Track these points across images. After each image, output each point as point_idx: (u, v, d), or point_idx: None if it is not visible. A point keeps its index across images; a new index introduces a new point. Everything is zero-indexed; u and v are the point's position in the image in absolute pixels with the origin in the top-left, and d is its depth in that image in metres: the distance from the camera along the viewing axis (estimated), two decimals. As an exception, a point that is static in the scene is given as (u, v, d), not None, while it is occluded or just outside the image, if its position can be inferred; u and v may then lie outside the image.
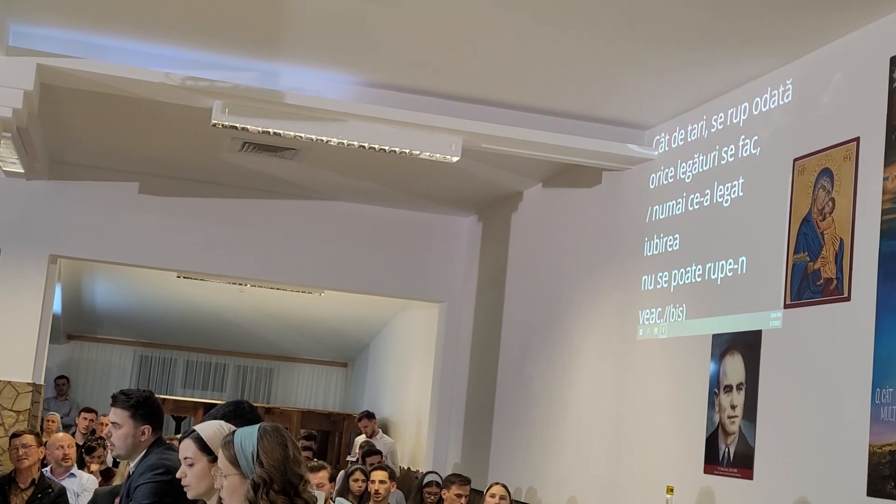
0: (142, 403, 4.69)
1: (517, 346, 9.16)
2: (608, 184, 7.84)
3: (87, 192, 10.04)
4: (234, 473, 3.17)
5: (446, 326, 10.81)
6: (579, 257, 8.14)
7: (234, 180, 10.08)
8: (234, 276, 11.23)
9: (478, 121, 7.07)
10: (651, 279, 7.00)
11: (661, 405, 6.70)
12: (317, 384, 16.88)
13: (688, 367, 6.43)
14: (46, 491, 6.64)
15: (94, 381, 15.37)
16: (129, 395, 4.71)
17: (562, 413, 8.08)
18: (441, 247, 10.79)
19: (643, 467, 6.79)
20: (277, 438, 3.19)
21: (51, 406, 13.06)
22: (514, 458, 8.83)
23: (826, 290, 5.28)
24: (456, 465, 10.09)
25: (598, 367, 7.63)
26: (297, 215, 10.46)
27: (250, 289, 13.03)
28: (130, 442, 4.69)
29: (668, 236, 6.87)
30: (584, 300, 7.98)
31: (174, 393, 15.99)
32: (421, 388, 11.92)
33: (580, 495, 7.61)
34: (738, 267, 6.06)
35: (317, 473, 6.89)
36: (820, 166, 5.46)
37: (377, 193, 10.12)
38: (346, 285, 10.86)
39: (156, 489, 4.51)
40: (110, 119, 8.35)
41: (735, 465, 5.82)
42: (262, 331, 15.46)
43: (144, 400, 4.71)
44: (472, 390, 10.14)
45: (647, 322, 6.98)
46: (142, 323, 15.47)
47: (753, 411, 5.72)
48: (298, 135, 7.07)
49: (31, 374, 9.83)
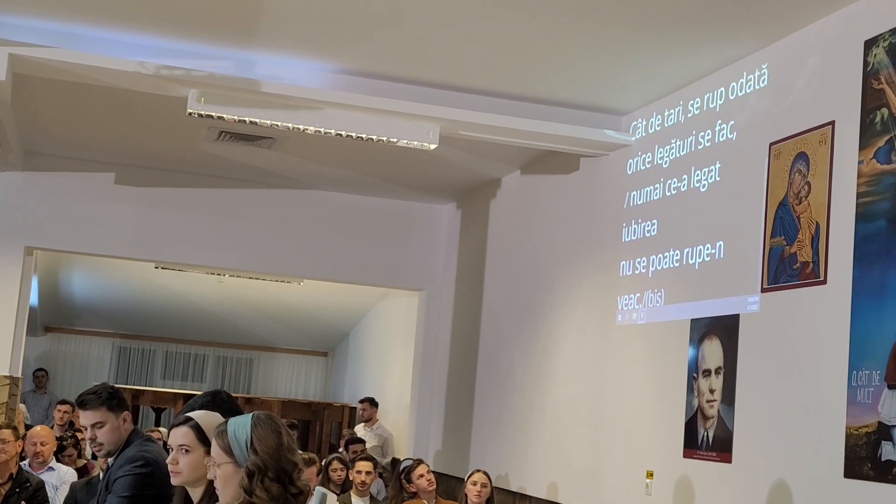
0: (113, 394, 4.70)
1: (497, 332, 9.17)
2: (586, 170, 7.85)
3: (63, 183, 9.97)
4: (228, 462, 3.16)
5: (426, 314, 10.80)
6: (558, 243, 8.14)
7: (211, 170, 10.03)
8: (213, 267, 11.18)
9: (455, 108, 7.06)
10: (629, 265, 7.01)
11: (641, 390, 6.72)
12: (297, 374, 16.86)
13: (666, 351, 6.45)
14: (25, 485, 6.60)
15: (73, 373, 15.30)
16: (99, 393, 4.71)
17: (542, 399, 8.10)
18: (420, 234, 10.78)
19: (623, 452, 6.82)
20: (271, 426, 3.19)
21: (28, 399, 12.99)
22: (495, 445, 8.85)
23: (802, 273, 5.30)
24: (437, 453, 10.10)
25: (577, 352, 7.64)
26: (275, 204, 10.42)
27: (229, 279, 12.98)
28: (117, 434, 4.69)
29: (646, 222, 6.88)
30: (563, 286, 7.99)
31: (154, 384, 15.93)
32: (402, 376, 11.92)
33: (561, 481, 7.63)
34: (716, 252, 6.08)
35: (308, 468, 6.88)
36: (796, 150, 5.48)
37: (355, 182, 10.09)
38: (325, 274, 10.83)
39: (136, 481, 4.49)
40: (85, 109, 8.28)
41: (714, 449, 5.84)
42: (241, 321, 15.41)
43: (113, 390, 4.73)
44: (453, 378, 10.15)
45: (626, 307, 7.00)
46: (120, 314, 15.40)
47: (732, 395, 5.75)
48: (275, 123, 7.04)
49: (9, 367, 9.77)
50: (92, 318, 15.67)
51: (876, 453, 4.66)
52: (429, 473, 8.02)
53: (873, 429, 4.70)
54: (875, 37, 4.99)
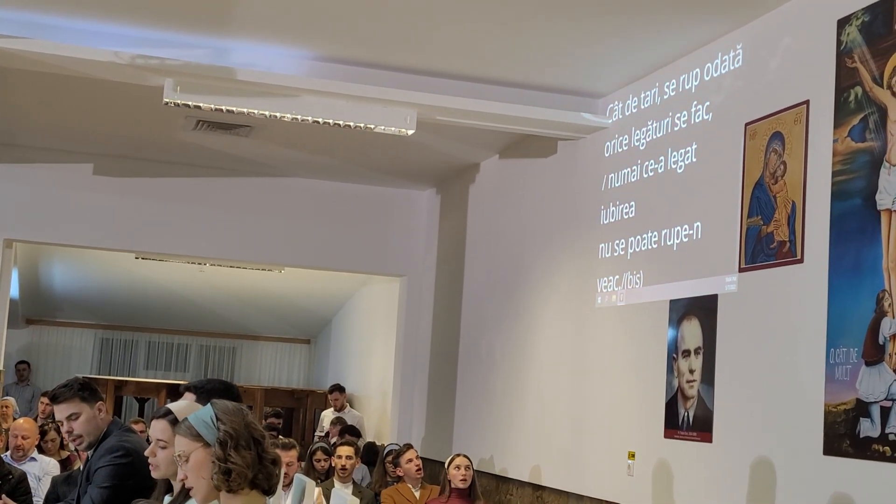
0: (84, 385, 4.70)
1: (478, 317, 9.19)
2: (564, 153, 7.86)
3: (41, 174, 9.92)
4: (198, 446, 3.16)
5: (407, 300, 10.82)
6: (537, 227, 8.16)
7: (189, 159, 10.00)
8: (193, 256, 11.16)
9: (432, 93, 7.05)
10: (608, 247, 7.03)
11: (621, 372, 6.75)
12: (280, 361, 16.86)
13: (646, 333, 6.48)
14: (7, 477, 6.58)
15: (56, 365, 15.25)
16: (70, 385, 4.71)
17: (523, 383, 8.12)
18: (400, 220, 10.78)
19: (604, 434, 6.85)
20: (232, 403, 3.22)
21: (11, 392, 12.94)
22: (478, 428, 8.88)
23: (779, 252, 5.33)
24: (420, 438, 10.13)
25: (557, 335, 7.67)
26: (254, 193, 10.40)
27: (209, 268, 12.96)
28: (94, 424, 4.68)
29: (624, 204, 6.90)
30: (542, 270, 8.01)
31: (137, 375, 15.90)
32: (384, 362, 11.94)
33: (543, 464, 7.66)
34: (694, 232, 6.10)
35: (287, 452, 6.90)
36: (771, 130, 5.50)
37: (334, 169, 10.08)
38: (305, 262, 10.83)
39: (116, 472, 4.50)
40: (61, 100, 8.24)
41: (695, 429, 5.88)
42: (223, 310, 15.39)
43: (84, 382, 4.73)
44: (435, 363, 10.17)
45: (605, 290, 7.02)
46: (101, 305, 15.35)
47: (711, 375, 5.78)
48: (252, 111, 7.02)
49: (-10, 360, 9.75)
50: (73, 310, 15.62)
51: (854, 430, 4.70)
52: (417, 459, 8.05)
53: (851, 406, 4.73)
54: (848, 16, 5.01)
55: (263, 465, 3.14)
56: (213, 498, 3.19)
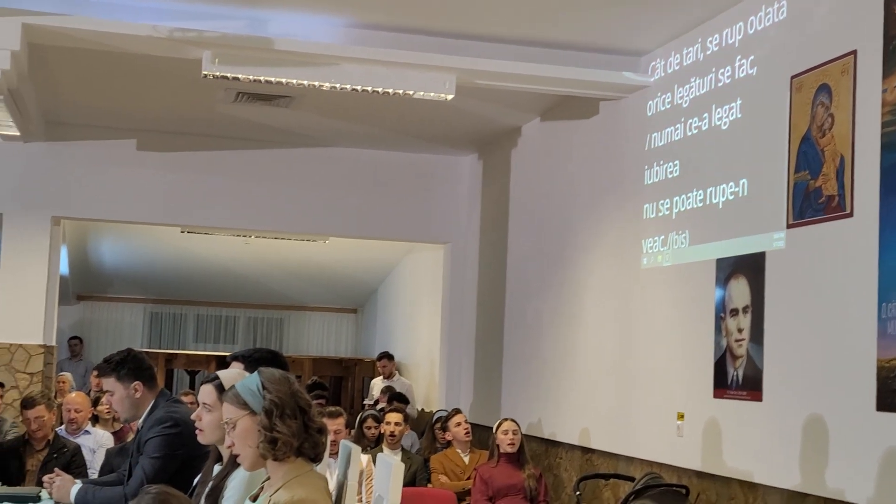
0: (122, 363, 4.72)
1: (523, 281, 9.16)
2: (606, 114, 7.78)
3: (86, 151, 10.00)
4: (244, 414, 3.17)
5: (452, 267, 10.81)
6: (580, 189, 8.09)
7: (231, 132, 10.02)
8: (238, 228, 11.22)
9: (471, 57, 7.00)
10: (653, 207, 6.96)
11: (668, 333, 6.69)
12: (327, 331, 16.95)
13: (693, 293, 6.41)
14: (62, 450, 6.68)
15: (107, 340, 15.42)
16: (109, 361, 4.74)
17: (570, 346, 8.09)
18: (442, 187, 10.75)
19: (653, 395, 6.81)
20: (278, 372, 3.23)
21: (65, 367, 13.13)
22: (525, 393, 8.86)
23: (828, 207, 5.24)
24: (469, 404, 10.14)
25: (603, 298, 7.62)
26: (296, 164, 10.41)
27: (255, 240, 13.02)
28: (128, 403, 4.72)
29: (668, 163, 6.81)
30: (587, 232, 7.95)
31: (186, 347, 16.06)
32: (431, 329, 11.95)
33: (592, 426, 7.64)
34: (740, 189, 6.01)
35: (335, 420, 6.93)
36: (817, 82, 5.39)
37: (375, 137, 10.06)
38: (349, 231, 10.84)
39: (165, 442, 4.54)
40: (102, 76, 8.28)
41: (744, 388, 5.82)
42: (270, 281, 15.48)
43: (122, 360, 4.73)
44: (481, 328, 10.16)
45: (651, 250, 6.95)
46: (150, 280, 15.50)
47: (760, 333, 5.71)
48: (290, 81, 7.01)
49: (42, 336, 9.87)
50: (123, 285, 15.78)
51: (907, 385, 4.62)
52: (466, 423, 8.07)
53: (904, 361, 4.66)
54: (894, -38, 4.89)
55: (309, 433, 3.15)
56: (261, 465, 3.21)
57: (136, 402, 4.72)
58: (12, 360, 9.74)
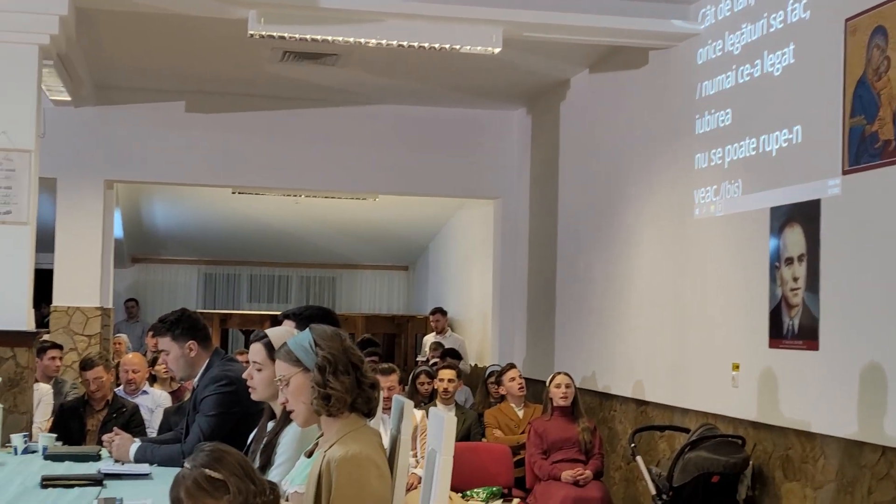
0: (176, 323, 4.75)
1: (574, 235, 9.11)
2: (655, 63, 7.67)
3: (135, 114, 10.07)
4: (297, 371, 3.18)
5: (503, 222, 10.78)
6: (631, 141, 8.01)
7: (279, 91, 10.03)
8: (287, 188, 11.25)
9: (517, 9, 6.93)
10: (704, 157, 6.87)
11: (723, 283, 6.63)
12: (379, 289, 17.01)
13: (747, 242, 6.33)
14: (121, 410, 6.78)
15: (162, 301, 15.58)
16: (164, 320, 4.79)
17: (623, 299, 8.05)
18: (492, 142, 10.70)
19: (707, 346, 6.76)
20: (330, 328, 3.24)
21: (122, 329, 13.32)
22: (579, 347, 8.84)
23: (885, 152, 5.13)
24: (522, 359, 10.14)
25: (656, 250, 7.56)
26: (345, 122, 10.40)
27: (305, 199, 13.06)
28: (183, 362, 4.77)
29: (720, 111, 6.71)
30: (638, 184, 7.87)
31: (241, 307, 16.21)
32: (483, 285, 11.95)
33: (646, 379, 7.61)
34: (793, 136, 5.91)
35: (388, 377, 6.97)
36: (873, 24, 5.26)
37: (423, 93, 10.01)
38: (399, 189, 10.84)
39: (220, 400, 4.59)
40: (149, 38, 8.30)
41: (800, 338, 5.75)
42: (321, 240, 15.54)
43: (177, 319, 4.77)
44: (533, 282, 10.14)
45: (703, 201, 6.87)
46: (203, 241, 15.63)
47: (816, 282, 5.63)
48: (336, 39, 6.98)
49: (99, 299, 10.01)
50: (176, 247, 15.93)
51: (968, 332, 4.54)
52: (519, 378, 8.08)
53: (964, 307, 4.57)
54: None
55: (362, 389, 3.16)
56: (314, 422, 3.22)
57: (191, 361, 4.76)
58: (70, 322, 9.90)
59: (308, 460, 3.23)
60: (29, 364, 6.66)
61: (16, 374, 6.57)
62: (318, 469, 3.05)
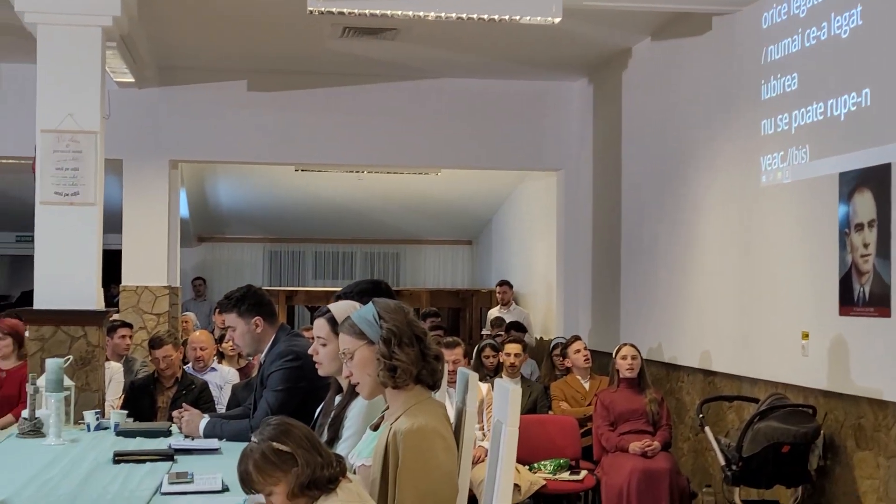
0: (241, 299, 4.79)
1: (638, 205, 9.02)
2: (719, 29, 7.54)
3: (198, 94, 10.15)
4: (361, 344, 3.19)
5: (566, 193, 10.71)
6: (695, 109, 7.90)
7: (339, 68, 10.04)
8: (350, 164, 11.28)
9: (577, -23, 6.85)
10: (771, 123, 6.75)
11: (791, 251, 6.52)
12: (443, 264, 17.03)
13: (815, 209, 6.22)
14: (190, 387, 6.86)
15: (229, 279, 15.73)
16: (230, 297, 4.83)
17: (689, 269, 7.96)
18: (553, 114, 10.62)
19: (776, 315, 6.66)
20: (392, 301, 3.24)
21: (190, 307, 13.49)
22: (645, 317, 8.78)
23: (958, 113, 5.00)
24: (587, 331, 10.09)
25: (722, 218, 7.46)
26: (406, 97, 10.39)
27: (368, 175, 13.09)
28: (249, 338, 4.80)
29: (786, 76, 6.59)
30: (703, 153, 7.77)
31: (306, 284, 16.32)
32: (547, 257, 11.90)
33: (713, 349, 7.53)
34: (862, 100, 5.79)
35: (452, 350, 6.98)
36: (943, -17, 5.13)
37: (483, 66, 9.96)
38: (461, 162, 10.81)
39: (288, 375, 4.62)
40: (210, 18, 8.35)
41: (871, 305, 5.64)
42: (384, 216, 15.58)
43: (243, 295, 4.81)
44: (598, 254, 10.08)
45: (770, 168, 6.76)
46: (267, 219, 15.75)
47: (887, 248, 5.52)
48: (395, 13, 6.95)
49: (166, 278, 10.14)
50: (241, 225, 16.08)
51: None
52: (585, 350, 8.05)
53: None
54: None
55: (427, 360, 3.16)
56: (379, 393, 3.23)
57: (258, 337, 4.80)
58: (139, 301, 10.05)
59: (374, 433, 3.24)
60: (99, 343, 6.77)
61: (87, 352, 6.69)
62: (384, 442, 3.06)
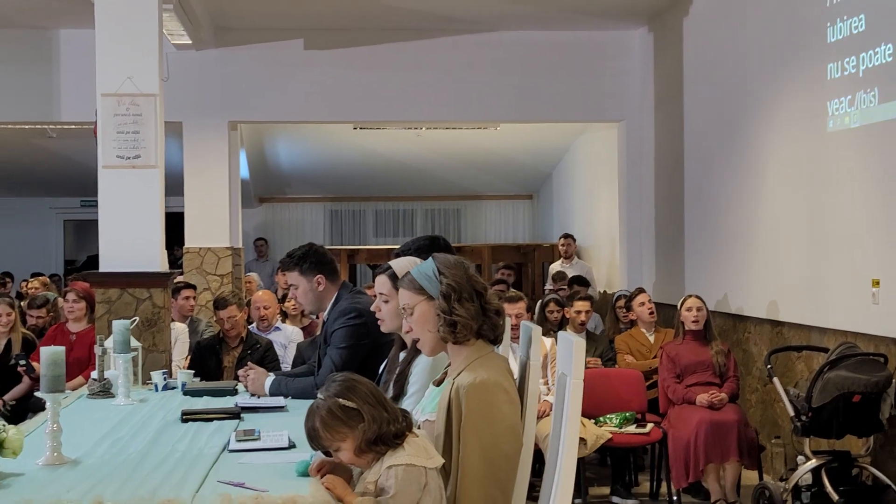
0: (303, 258, 4.79)
1: (702, 154, 8.88)
2: (782, -29, 7.35)
3: (255, 54, 10.16)
4: (421, 300, 3.18)
5: (627, 145, 10.57)
6: (758, 55, 7.72)
7: (394, 23, 9.97)
8: (408, 121, 11.23)
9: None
10: (837, 66, 6.57)
11: (860, 197, 6.37)
12: (504, 219, 16.98)
13: (885, 154, 6.06)
14: (255, 346, 6.91)
15: (291, 239, 15.85)
16: (291, 255, 4.83)
17: (754, 218, 7.82)
18: (613, 64, 10.46)
19: (845, 263, 6.52)
20: (452, 257, 3.22)
21: (252, 268, 13.61)
22: (710, 268, 8.66)
23: None
24: (652, 283, 10.00)
25: (788, 165, 7.31)
26: (462, 51, 10.30)
27: (426, 132, 13.04)
28: (311, 296, 4.81)
29: (853, 17, 6.40)
30: (767, 99, 7.60)
31: (367, 242, 16.39)
32: (609, 210, 11.80)
33: (780, 299, 7.41)
34: (933, 39, 5.60)
35: (515, 304, 6.95)
36: None
37: (541, 17, 9.83)
38: (520, 116, 10.71)
39: (351, 332, 4.62)
40: (264, -23, 8.33)
41: (945, 250, 5.50)
42: (444, 172, 15.55)
43: (304, 254, 4.81)
44: (661, 205, 9.95)
45: (837, 112, 6.60)
46: (327, 178, 15.80)
47: (961, 191, 5.36)
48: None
49: (229, 239, 10.22)
50: (301, 185, 16.15)
51: None
52: (649, 302, 7.98)
53: None
54: None
55: (487, 315, 3.14)
56: (440, 349, 3.21)
57: (320, 295, 4.80)
58: (203, 263, 10.14)
59: (437, 388, 3.22)
60: (165, 304, 6.84)
61: (153, 314, 6.76)
62: (447, 397, 3.04)
